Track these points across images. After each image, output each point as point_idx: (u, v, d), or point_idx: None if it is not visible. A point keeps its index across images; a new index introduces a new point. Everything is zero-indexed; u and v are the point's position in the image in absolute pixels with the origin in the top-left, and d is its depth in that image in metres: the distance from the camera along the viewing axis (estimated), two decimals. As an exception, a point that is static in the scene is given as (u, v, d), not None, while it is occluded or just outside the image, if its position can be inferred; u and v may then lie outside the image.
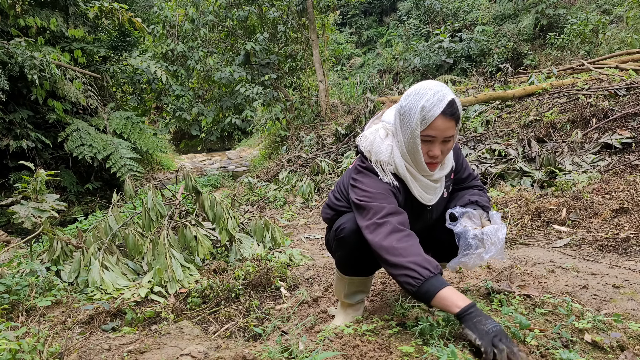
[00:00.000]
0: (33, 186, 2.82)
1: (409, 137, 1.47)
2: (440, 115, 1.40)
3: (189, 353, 1.59)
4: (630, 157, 3.90)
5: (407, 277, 1.35)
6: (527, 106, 5.81)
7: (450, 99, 1.41)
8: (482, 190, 1.76)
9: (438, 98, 1.40)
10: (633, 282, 1.93)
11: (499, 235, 1.45)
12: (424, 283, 1.33)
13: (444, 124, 1.42)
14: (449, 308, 1.32)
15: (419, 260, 1.36)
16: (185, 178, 3.28)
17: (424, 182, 1.56)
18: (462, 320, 1.30)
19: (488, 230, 1.46)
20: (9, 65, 6.63)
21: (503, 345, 1.19)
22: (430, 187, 1.59)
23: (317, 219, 4.86)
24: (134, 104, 10.76)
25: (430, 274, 1.34)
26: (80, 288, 2.64)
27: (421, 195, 1.58)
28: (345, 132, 7.28)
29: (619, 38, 10.54)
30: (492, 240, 1.44)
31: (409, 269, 1.35)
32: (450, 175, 1.71)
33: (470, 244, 1.47)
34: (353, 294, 1.81)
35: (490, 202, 1.75)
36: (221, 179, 9.79)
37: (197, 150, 18.55)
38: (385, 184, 1.53)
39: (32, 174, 2.87)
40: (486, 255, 1.44)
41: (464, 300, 1.31)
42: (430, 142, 1.46)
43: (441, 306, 1.34)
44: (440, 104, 1.40)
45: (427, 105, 1.40)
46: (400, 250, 1.38)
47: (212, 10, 10.62)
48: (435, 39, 14.72)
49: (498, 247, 1.44)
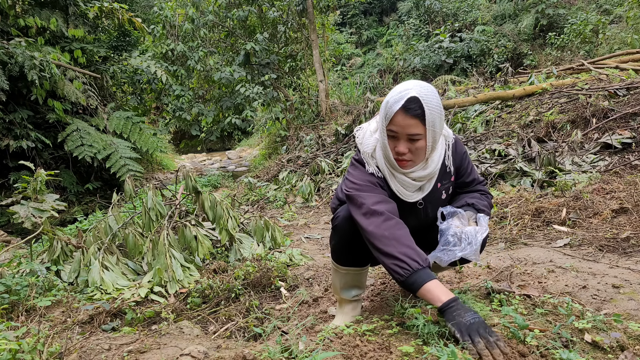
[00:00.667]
0: (33, 186, 2.82)
1: (380, 131, 1.54)
2: (399, 111, 1.44)
3: (189, 353, 1.59)
4: (630, 157, 3.90)
5: (397, 267, 1.41)
6: (527, 106, 5.82)
7: (411, 96, 1.42)
8: (485, 195, 1.76)
9: (402, 95, 1.44)
10: (633, 282, 1.93)
11: (478, 237, 1.49)
12: (411, 274, 1.39)
13: (403, 120, 1.45)
14: (433, 301, 1.38)
15: (409, 252, 1.42)
16: (185, 178, 3.28)
17: (401, 179, 1.60)
18: (444, 314, 1.35)
19: (468, 230, 1.51)
20: (9, 65, 6.63)
21: (479, 336, 1.24)
22: (409, 184, 1.61)
23: (317, 219, 4.86)
24: (134, 104, 10.76)
25: (418, 266, 1.39)
26: (80, 288, 2.64)
27: (399, 191, 1.61)
28: (345, 132, 7.28)
29: (619, 38, 10.53)
30: (470, 240, 1.49)
31: (399, 259, 1.41)
32: (449, 178, 1.71)
33: (449, 241, 1.52)
34: (349, 288, 1.83)
35: (490, 207, 1.75)
36: (221, 179, 9.80)
37: (197, 150, 18.55)
38: (371, 175, 1.59)
39: (32, 174, 2.87)
40: (459, 253, 1.48)
41: (447, 295, 1.36)
42: (395, 139, 1.50)
43: (426, 298, 1.40)
44: (401, 101, 1.44)
45: (390, 101, 1.47)
46: (392, 240, 1.44)
47: (212, 10, 10.62)
48: (435, 39, 14.72)
49: (474, 247, 1.48)
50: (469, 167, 1.77)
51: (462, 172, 1.75)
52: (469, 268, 2.40)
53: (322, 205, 5.40)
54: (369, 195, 1.53)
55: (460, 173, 1.75)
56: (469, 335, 1.25)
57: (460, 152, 1.73)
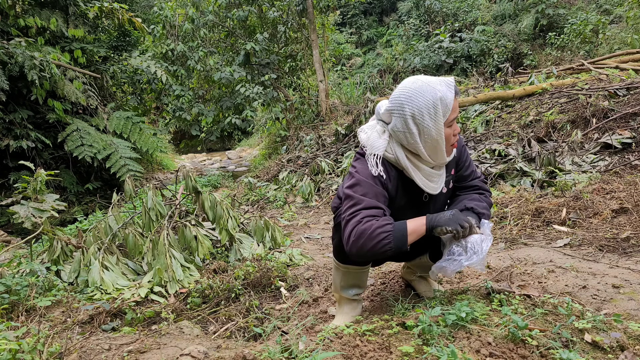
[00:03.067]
0: (33, 186, 2.82)
1: (435, 132, 1.52)
2: (454, 97, 1.54)
3: (189, 353, 1.59)
4: (630, 157, 3.90)
5: (383, 244, 1.46)
6: (527, 106, 5.81)
7: (454, 82, 1.56)
8: (484, 194, 1.76)
9: (448, 84, 1.53)
10: (633, 282, 1.92)
11: (483, 246, 1.49)
12: (393, 236, 1.47)
13: (456, 104, 1.57)
14: (421, 232, 1.51)
15: (376, 226, 1.47)
16: (185, 178, 3.28)
17: (427, 171, 1.60)
18: (433, 230, 1.50)
19: (473, 239, 1.50)
20: (9, 65, 6.63)
21: (464, 222, 1.48)
22: (434, 174, 1.62)
23: (317, 219, 4.86)
24: (134, 104, 10.76)
25: (390, 227, 1.48)
26: (80, 288, 2.64)
27: (425, 184, 1.61)
28: (345, 132, 7.28)
29: (619, 38, 10.53)
30: (475, 249, 1.48)
31: (377, 239, 1.46)
32: (450, 171, 1.72)
33: (453, 250, 1.51)
34: (349, 286, 1.84)
35: (490, 207, 1.74)
36: (221, 179, 9.80)
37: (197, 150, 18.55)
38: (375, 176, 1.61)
39: (32, 174, 2.87)
40: (465, 262, 1.48)
41: (422, 220, 1.52)
42: (453, 125, 1.57)
43: (414, 239, 1.51)
44: (451, 88, 1.53)
45: (443, 95, 1.50)
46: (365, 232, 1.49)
47: (212, 10, 10.61)
48: (435, 39, 14.72)
49: (480, 257, 1.47)
50: (467, 161, 1.79)
51: (461, 165, 1.77)
52: (468, 268, 2.40)
53: (322, 205, 5.40)
54: (362, 198, 1.54)
55: (459, 166, 1.77)
56: (459, 225, 1.48)
57: (460, 145, 1.76)
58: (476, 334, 1.41)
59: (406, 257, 1.97)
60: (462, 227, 1.47)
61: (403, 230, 1.48)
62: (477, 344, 1.34)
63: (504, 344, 1.34)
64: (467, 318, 1.47)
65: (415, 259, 1.94)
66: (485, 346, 1.33)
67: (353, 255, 1.53)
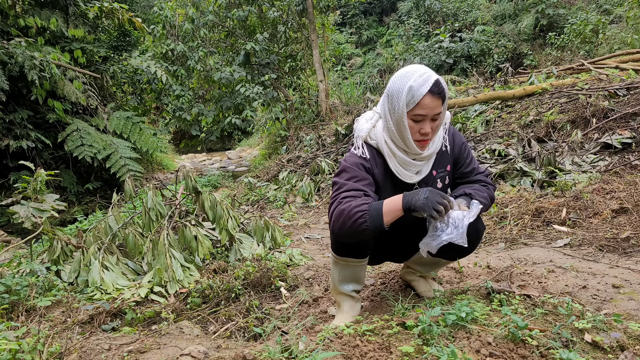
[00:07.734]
0: (33, 186, 2.81)
1: (397, 117, 1.56)
2: (427, 93, 1.50)
3: (189, 353, 1.59)
4: (630, 157, 3.90)
5: (359, 222, 1.47)
6: (527, 106, 5.81)
7: (436, 79, 1.52)
8: (486, 186, 1.76)
9: (424, 78, 1.50)
10: (633, 282, 1.93)
11: (465, 221, 1.49)
12: (369, 215, 1.47)
13: (432, 102, 1.51)
14: (397, 213, 1.49)
15: (353, 205, 1.50)
16: (185, 178, 3.28)
17: (401, 158, 1.63)
18: (409, 211, 1.48)
19: (455, 214, 1.51)
20: (9, 65, 6.63)
21: (440, 205, 1.43)
22: (410, 164, 1.64)
23: (317, 219, 4.86)
24: (134, 104, 10.76)
25: (366, 206, 1.49)
26: (80, 288, 2.64)
27: (398, 171, 1.65)
28: (345, 132, 7.27)
29: (619, 38, 10.53)
30: (456, 224, 1.49)
31: (353, 218, 1.48)
32: (446, 167, 1.73)
33: (436, 226, 1.52)
34: (347, 281, 1.84)
35: (491, 199, 1.73)
36: (221, 179, 9.80)
37: (197, 150, 18.54)
38: (360, 158, 1.64)
39: (32, 174, 2.87)
40: (445, 237, 1.48)
41: (398, 199, 1.50)
42: (421, 121, 1.55)
43: (392, 218, 1.49)
44: (427, 84, 1.50)
45: (414, 85, 1.50)
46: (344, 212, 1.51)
47: (212, 10, 10.60)
48: (435, 39, 14.71)
49: (460, 231, 1.48)
50: (469, 158, 1.79)
51: (462, 162, 1.77)
52: (469, 268, 2.40)
53: (322, 205, 5.40)
54: (345, 182, 1.59)
55: (459, 164, 1.77)
56: (434, 209, 1.43)
57: (459, 143, 1.77)
58: (476, 334, 1.41)
59: (404, 255, 1.98)
60: (437, 211, 1.45)
61: (379, 209, 1.49)
62: (477, 344, 1.34)
63: (504, 344, 1.34)
64: (467, 318, 1.47)
65: (414, 255, 1.94)
66: (485, 346, 1.33)
67: (337, 236, 1.59)
